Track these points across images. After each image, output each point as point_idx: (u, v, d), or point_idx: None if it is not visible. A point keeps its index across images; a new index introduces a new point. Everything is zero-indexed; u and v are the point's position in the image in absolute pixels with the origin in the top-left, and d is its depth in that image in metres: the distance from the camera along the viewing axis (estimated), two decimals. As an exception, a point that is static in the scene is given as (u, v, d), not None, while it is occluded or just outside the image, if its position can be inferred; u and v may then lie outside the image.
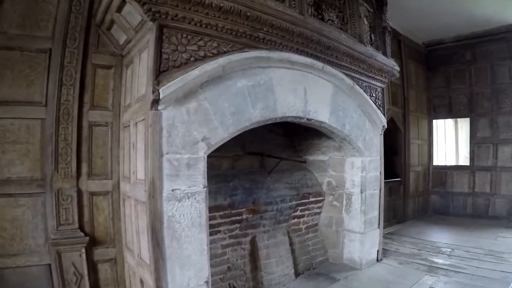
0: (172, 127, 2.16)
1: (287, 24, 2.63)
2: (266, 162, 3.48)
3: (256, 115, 2.56)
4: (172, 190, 2.16)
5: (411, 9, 5.30)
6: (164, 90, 2.10)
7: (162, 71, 2.14)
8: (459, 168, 6.96)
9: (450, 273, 3.57)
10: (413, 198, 6.55)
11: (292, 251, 3.44)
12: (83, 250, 2.66)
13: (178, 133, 2.18)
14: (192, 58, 2.25)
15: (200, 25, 2.26)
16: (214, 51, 2.35)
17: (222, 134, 2.36)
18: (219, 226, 2.88)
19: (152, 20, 2.10)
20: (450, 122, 7.51)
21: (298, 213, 3.62)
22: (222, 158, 3.13)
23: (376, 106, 3.77)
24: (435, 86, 7.08)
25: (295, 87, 2.87)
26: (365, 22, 3.67)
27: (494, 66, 6.40)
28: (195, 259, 2.27)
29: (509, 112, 6.23)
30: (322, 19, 3.14)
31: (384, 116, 3.95)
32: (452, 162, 7.43)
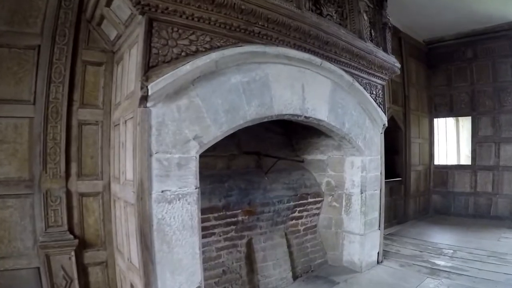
0: (161, 125, 2.07)
1: (283, 18, 2.53)
2: (262, 161, 3.38)
3: (251, 112, 2.46)
4: (162, 192, 2.06)
5: (412, 5, 5.24)
6: (153, 87, 2.01)
7: (151, 66, 2.06)
8: (460, 167, 6.89)
9: (453, 275, 3.50)
10: (414, 198, 6.48)
11: (290, 253, 3.34)
12: (73, 253, 2.61)
13: (168, 131, 2.09)
14: (183, 53, 2.16)
15: (192, 18, 2.17)
16: (207, 46, 2.25)
17: (215, 132, 2.26)
18: (213, 228, 2.78)
19: (141, 13, 2.02)
20: (451, 120, 7.44)
21: (296, 214, 3.52)
22: (217, 158, 3.03)
23: (377, 103, 3.67)
24: (436, 84, 7.02)
25: (292, 83, 2.76)
26: (364, 18, 3.58)
27: (495, 63, 6.35)
28: (186, 263, 2.18)
29: (511, 110, 6.15)
30: (320, 14, 3.04)
31: (385, 114, 3.84)
32: (453, 161, 7.36)
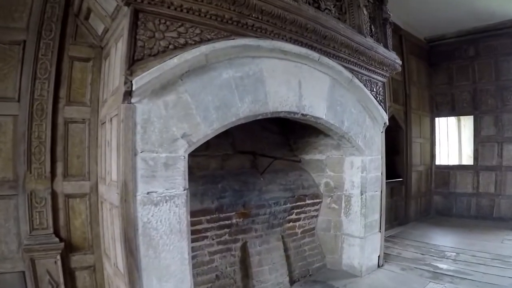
0: (147, 123, 1.94)
1: (279, 10, 2.39)
2: (258, 161, 3.24)
3: (244, 109, 2.32)
4: (147, 193, 1.93)
5: (413, 2, 5.14)
6: (138, 81, 1.88)
7: (136, 60, 1.94)
8: (462, 167, 6.76)
9: (456, 279, 3.37)
10: (415, 199, 6.35)
11: (287, 257, 3.20)
12: (58, 257, 2.50)
13: (154, 129, 1.96)
14: (171, 46, 2.03)
15: (180, 9, 2.04)
16: (197, 39, 2.12)
17: (205, 130, 2.12)
18: (206, 231, 2.65)
19: (126, 4, 1.90)
20: (453, 120, 7.31)
21: (294, 216, 3.38)
22: (210, 158, 2.90)
23: (377, 101, 3.53)
24: (437, 83, 6.90)
25: (288, 79, 2.63)
26: (364, 13, 3.45)
27: (498, 62, 6.23)
28: (175, 270, 2.05)
29: (514, 109, 6.02)
30: (318, 7, 2.91)
31: (386, 112, 3.70)
32: (455, 161, 7.22)
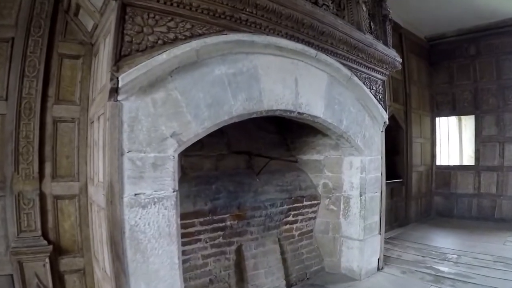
0: (135, 121, 1.85)
1: (273, 4, 2.29)
2: (254, 162, 3.14)
3: (237, 107, 2.22)
4: (134, 195, 1.84)
5: (413, 0, 5.04)
6: (124, 78, 1.79)
7: (123, 55, 1.85)
8: (463, 168, 6.66)
9: (458, 283, 3.27)
10: (415, 200, 6.25)
11: (284, 260, 3.10)
12: (47, 260, 2.42)
13: (142, 127, 1.86)
14: (160, 41, 1.94)
15: (170, 3, 1.95)
16: (187, 34, 2.02)
17: (195, 129, 2.03)
18: (199, 234, 2.55)
19: (114, -3, 1.81)
20: (454, 120, 7.22)
21: (290, 218, 3.28)
22: (204, 158, 2.80)
23: (377, 100, 3.43)
24: (438, 82, 6.80)
25: (284, 76, 2.53)
26: (363, 9, 3.35)
27: (499, 60, 6.14)
28: (164, 275, 1.95)
29: (516, 109, 5.93)
30: (315, 3, 2.81)
31: (386, 111, 3.60)
32: (456, 161, 7.14)
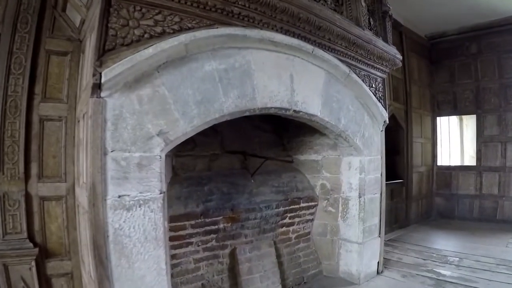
0: (119, 119, 1.75)
1: (268, -3, 2.20)
2: (249, 162, 3.04)
3: (229, 104, 2.12)
4: (118, 197, 1.74)
5: (413, -3, 4.94)
6: (107, 73, 1.69)
7: (107, 50, 1.76)
8: (465, 168, 6.56)
9: (460, 287, 3.15)
10: (416, 201, 6.14)
11: (280, 264, 3.00)
12: (33, 263, 2.35)
13: (126, 126, 1.76)
14: (146, 35, 1.84)
15: (158, -5, 1.86)
16: (176, 27, 1.92)
17: (184, 127, 1.92)
18: (190, 237, 2.45)
19: (97, -11, 1.72)
20: (455, 119, 7.11)
21: (287, 220, 3.17)
22: (197, 158, 2.70)
23: (376, 98, 3.32)
24: (439, 81, 6.70)
25: (279, 72, 2.43)
26: (362, 4, 3.25)
27: (501, 59, 6.05)
28: (150, 281, 1.85)
29: (518, 108, 5.83)
30: (313, -2, 2.71)
31: (386, 110, 3.50)
32: (457, 162, 7.03)
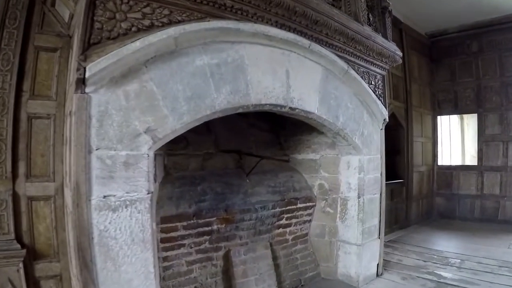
0: (104, 115, 1.67)
1: (261, -10, 2.12)
2: (244, 161, 2.95)
3: (221, 100, 2.03)
4: (104, 197, 1.66)
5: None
6: (92, 67, 1.62)
7: (92, 43, 1.69)
8: (466, 168, 6.47)
9: (462, 290, 3.09)
10: (416, 201, 6.05)
11: (276, 266, 2.91)
12: (21, 265, 2.28)
13: (112, 122, 1.68)
14: (134, 28, 1.76)
15: (146, -13, 1.78)
16: (165, 20, 1.84)
17: (173, 124, 1.84)
18: (182, 239, 2.37)
19: (84, -19, 1.64)
20: (456, 118, 7.02)
21: (284, 221, 3.08)
22: (190, 157, 2.61)
23: (376, 95, 3.23)
24: (440, 80, 6.62)
25: (274, 68, 2.34)
26: (361, -1, 3.17)
27: (502, 57, 5.97)
28: (138, 285, 1.77)
29: (520, 106, 5.75)
30: (309, -8, 2.63)
31: (385, 108, 3.41)
32: (458, 161, 6.94)
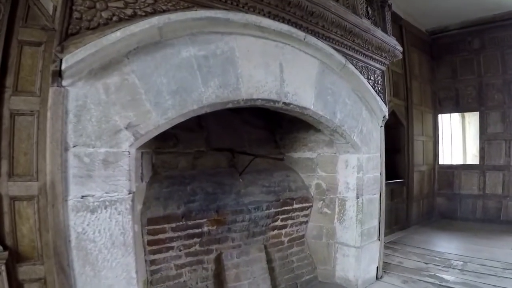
0: (82, 110, 1.56)
1: (253, -22, 2.01)
2: (237, 160, 2.84)
3: (209, 95, 1.92)
4: (81, 197, 1.56)
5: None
6: (69, 59, 1.52)
7: (70, 34, 1.60)
8: (467, 167, 6.34)
9: (465, 294, 2.98)
10: (417, 201, 5.93)
11: (271, 269, 2.79)
12: (3, 267, 2.18)
13: (91, 118, 1.58)
14: (115, 17, 1.66)
15: (129, -26, 1.67)
16: (148, 9, 1.73)
17: (156, 119, 1.73)
18: (170, 241, 2.25)
19: (62, -33, 1.54)
20: (457, 116, 6.90)
21: (279, 223, 2.96)
22: (179, 155, 2.50)
23: (375, 91, 3.11)
24: (441, 77, 6.50)
25: (267, 61, 2.22)
26: (359, -8, 3.06)
27: (505, 54, 5.86)
28: (119, 291, 1.66)
29: (523, 104, 5.63)
30: (305, -16, 2.52)
31: (385, 104, 3.28)
32: (459, 161, 6.82)
